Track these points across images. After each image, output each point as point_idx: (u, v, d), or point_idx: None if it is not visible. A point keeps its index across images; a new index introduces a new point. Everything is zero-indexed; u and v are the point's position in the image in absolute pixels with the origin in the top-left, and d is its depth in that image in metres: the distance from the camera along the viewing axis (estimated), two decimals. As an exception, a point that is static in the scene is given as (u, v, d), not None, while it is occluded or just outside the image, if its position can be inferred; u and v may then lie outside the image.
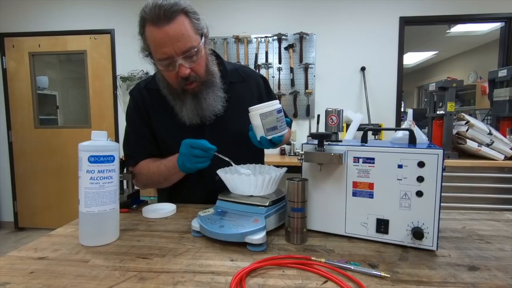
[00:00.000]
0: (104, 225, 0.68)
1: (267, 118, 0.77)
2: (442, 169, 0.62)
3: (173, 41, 0.76)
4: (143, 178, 0.96)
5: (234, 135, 0.94)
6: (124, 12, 3.12)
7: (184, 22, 0.77)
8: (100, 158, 0.66)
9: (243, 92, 0.97)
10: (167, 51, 0.77)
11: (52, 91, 3.45)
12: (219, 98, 0.91)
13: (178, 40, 0.76)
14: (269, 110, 0.77)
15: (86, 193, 0.66)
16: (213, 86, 0.89)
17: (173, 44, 0.76)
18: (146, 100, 0.96)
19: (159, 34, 0.76)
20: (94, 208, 0.66)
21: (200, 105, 0.88)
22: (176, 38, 0.76)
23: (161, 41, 0.76)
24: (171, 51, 0.77)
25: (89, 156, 0.66)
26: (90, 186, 0.66)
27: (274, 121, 0.78)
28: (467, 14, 2.83)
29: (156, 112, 0.95)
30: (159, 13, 0.74)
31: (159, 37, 0.76)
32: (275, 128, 0.78)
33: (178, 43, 0.76)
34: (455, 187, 2.07)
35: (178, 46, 0.77)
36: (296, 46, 2.95)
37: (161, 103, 0.92)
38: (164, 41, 0.76)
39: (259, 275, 0.54)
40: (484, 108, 3.68)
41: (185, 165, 0.82)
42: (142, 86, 0.98)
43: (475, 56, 5.53)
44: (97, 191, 0.66)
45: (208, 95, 0.88)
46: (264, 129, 0.78)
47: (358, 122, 2.60)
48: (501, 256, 0.62)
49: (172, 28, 0.75)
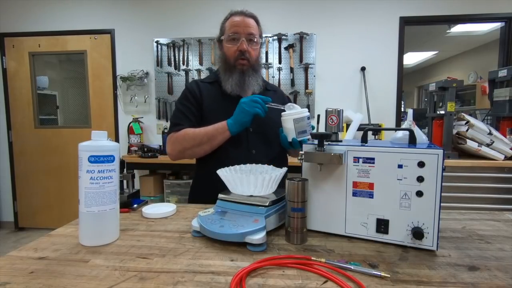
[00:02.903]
0: (104, 225, 0.68)
1: (299, 123, 0.93)
2: (442, 169, 0.62)
3: (245, 25, 1.09)
4: (184, 140, 1.09)
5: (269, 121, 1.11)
6: (124, 12, 3.12)
7: (255, 22, 1.13)
8: (100, 158, 0.66)
9: (275, 98, 1.19)
10: (238, 30, 1.09)
11: (52, 91, 3.45)
12: (258, 82, 1.15)
13: (248, 27, 1.10)
14: (301, 116, 0.93)
15: (86, 193, 0.66)
16: (256, 73, 1.14)
17: (244, 27, 1.09)
18: (200, 88, 1.18)
19: (238, 19, 1.10)
20: (94, 208, 0.66)
21: (243, 80, 1.11)
22: (248, 25, 1.10)
23: (238, 23, 1.10)
24: (241, 30, 1.09)
25: (89, 156, 0.66)
26: (90, 186, 0.66)
27: (304, 126, 0.94)
28: (467, 14, 2.83)
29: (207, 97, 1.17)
30: (241, 12, 1.13)
31: (237, 20, 1.10)
32: (304, 131, 0.94)
33: (247, 28, 1.10)
34: (455, 187, 2.07)
35: (247, 30, 1.09)
36: (296, 46, 2.95)
37: (211, 90, 1.17)
38: (240, 23, 1.10)
39: (259, 275, 0.54)
40: (484, 108, 3.68)
41: (243, 113, 1.00)
42: (199, 80, 1.23)
43: (475, 56, 5.53)
44: (97, 191, 0.66)
45: (251, 77, 1.12)
46: (296, 132, 0.93)
47: (358, 122, 2.59)
48: (501, 256, 0.62)
49: (247, 19, 1.11)
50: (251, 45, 1.10)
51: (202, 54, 3.02)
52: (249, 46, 1.09)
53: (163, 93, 3.10)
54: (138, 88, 3.15)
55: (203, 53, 3.02)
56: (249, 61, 1.10)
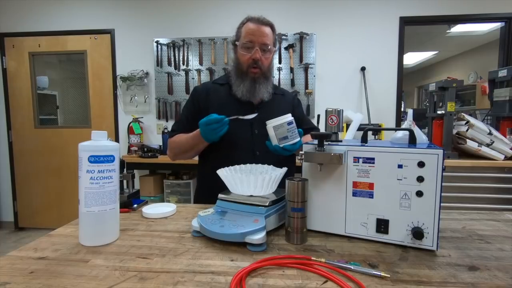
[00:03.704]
0: (104, 225, 0.68)
1: (278, 130, 0.92)
2: (442, 169, 0.62)
3: (260, 34, 1.10)
4: (174, 147, 1.19)
5: None
6: (124, 12, 3.12)
7: (270, 30, 1.13)
8: (100, 158, 0.66)
9: (283, 102, 1.24)
10: (253, 38, 1.10)
11: (52, 91, 3.45)
12: (268, 90, 1.16)
13: (263, 36, 1.10)
14: (280, 123, 0.92)
15: (86, 193, 0.66)
16: (267, 81, 1.16)
17: (259, 36, 1.10)
18: (209, 91, 1.20)
19: (254, 27, 1.11)
20: (94, 208, 0.66)
21: (254, 88, 1.13)
22: (263, 34, 1.10)
23: (253, 31, 1.10)
24: (256, 39, 1.10)
25: (89, 156, 0.66)
26: (90, 186, 0.66)
27: (285, 132, 0.92)
28: (467, 14, 2.83)
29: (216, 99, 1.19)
30: (259, 18, 1.13)
31: (253, 28, 1.11)
32: (286, 137, 0.93)
33: (262, 37, 1.10)
34: (455, 187, 2.07)
35: (262, 39, 1.10)
36: (296, 46, 2.94)
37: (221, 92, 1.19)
38: (255, 32, 1.10)
39: (259, 275, 0.54)
40: (484, 108, 3.67)
41: (207, 137, 1.01)
42: (209, 82, 1.27)
43: (475, 56, 5.52)
44: (97, 191, 0.66)
45: (262, 84, 1.14)
46: (277, 139, 0.93)
47: (358, 122, 2.59)
48: (501, 256, 0.62)
49: (263, 28, 1.11)
50: (264, 54, 1.12)
51: (202, 54, 3.02)
52: (262, 55, 1.11)
53: (163, 93, 3.10)
54: (138, 88, 3.15)
55: (203, 53, 3.02)
56: (261, 69, 1.12)
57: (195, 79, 3.06)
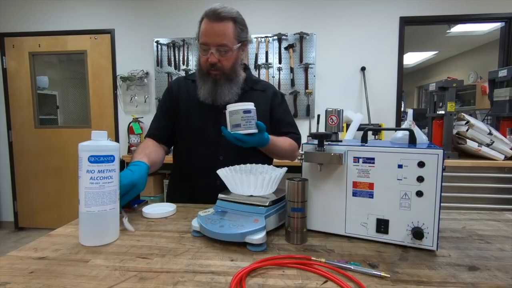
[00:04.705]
0: (104, 225, 0.68)
1: (233, 116, 0.87)
2: (442, 169, 0.62)
3: (215, 35, 0.98)
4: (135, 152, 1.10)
5: None
6: (124, 12, 3.12)
7: (229, 26, 0.99)
8: (100, 158, 0.66)
9: (260, 99, 1.13)
10: (207, 40, 0.99)
11: (52, 91, 3.45)
12: (233, 91, 1.07)
13: (218, 36, 0.98)
14: (235, 109, 0.87)
15: (86, 193, 0.66)
16: (232, 81, 1.06)
17: (212, 37, 0.98)
18: (180, 87, 1.15)
19: (207, 26, 0.99)
20: (94, 208, 0.66)
21: (215, 90, 1.05)
22: (217, 33, 0.98)
23: (207, 31, 0.99)
24: (210, 40, 0.99)
25: (89, 156, 0.65)
26: (90, 186, 0.66)
27: (239, 119, 0.87)
28: (467, 14, 2.83)
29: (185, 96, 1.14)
30: (214, 13, 0.98)
31: (207, 28, 0.99)
32: (238, 125, 0.88)
33: (217, 38, 0.98)
34: (455, 187, 2.07)
35: (216, 40, 0.98)
36: (296, 46, 2.94)
37: (192, 89, 1.12)
38: (209, 32, 0.99)
39: (259, 275, 0.54)
40: (484, 108, 3.67)
41: None
42: (182, 78, 1.21)
43: (475, 56, 5.52)
44: (97, 191, 0.66)
45: (225, 86, 1.05)
46: (230, 125, 0.88)
47: (358, 122, 2.59)
48: (501, 256, 0.62)
49: (217, 25, 0.98)
50: (225, 55, 1.01)
51: (202, 54, 3.01)
52: (221, 56, 1.00)
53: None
54: (138, 88, 3.15)
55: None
56: (221, 70, 1.03)
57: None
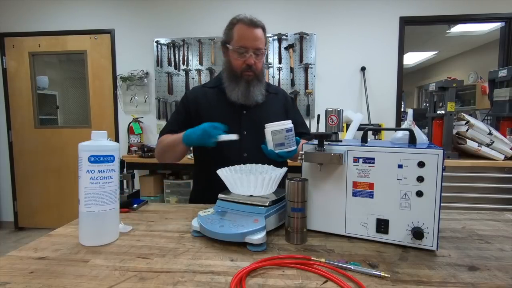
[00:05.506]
0: (104, 225, 0.68)
1: (276, 135, 0.90)
2: (442, 169, 0.62)
3: (254, 39, 1.07)
4: (159, 147, 1.16)
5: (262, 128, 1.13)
6: (124, 12, 3.12)
7: (262, 32, 1.11)
8: (100, 158, 0.66)
9: (275, 101, 1.23)
10: (247, 44, 1.07)
11: (52, 91, 3.45)
12: (261, 92, 1.15)
13: (257, 40, 1.08)
14: (279, 128, 0.90)
15: (86, 193, 0.66)
16: (260, 83, 1.15)
17: (253, 41, 1.07)
18: (198, 95, 1.19)
19: (247, 31, 1.07)
20: (94, 208, 0.66)
21: (249, 90, 1.12)
22: (256, 38, 1.08)
23: (247, 36, 1.07)
24: (250, 44, 1.07)
25: (89, 156, 0.66)
26: (90, 186, 0.66)
27: (282, 138, 0.90)
28: (467, 14, 2.83)
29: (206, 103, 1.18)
30: (251, 20, 1.08)
31: (247, 33, 1.07)
32: (282, 144, 0.91)
33: (256, 42, 1.08)
34: (455, 187, 2.07)
35: (256, 44, 1.08)
36: (296, 46, 2.94)
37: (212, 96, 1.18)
38: (249, 37, 1.07)
39: (259, 275, 0.54)
40: (484, 108, 3.67)
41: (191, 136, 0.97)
42: (198, 87, 1.26)
43: (475, 56, 5.52)
44: (97, 191, 0.66)
45: (256, 87, 1.13)
46: (273, 144, 0.91)
47: (358, 122, 2.59)
48: (501, 256, 0.62)
49: (256, 31, 1.08)
50: (257, 58, 1.10)
51: (202, 54, 3.01)
52: (255, 58, 1.09)
53: (163, 93, 3.10)
54: (138, 88, 3.15)
55: (203, 53, 3.02)
56: (255, 72, 1.11)
57: (195, 79, 3.06)
